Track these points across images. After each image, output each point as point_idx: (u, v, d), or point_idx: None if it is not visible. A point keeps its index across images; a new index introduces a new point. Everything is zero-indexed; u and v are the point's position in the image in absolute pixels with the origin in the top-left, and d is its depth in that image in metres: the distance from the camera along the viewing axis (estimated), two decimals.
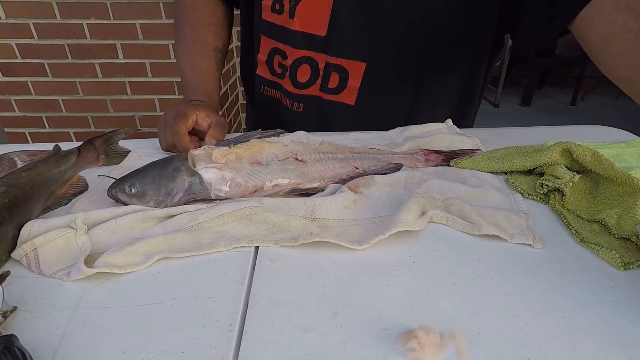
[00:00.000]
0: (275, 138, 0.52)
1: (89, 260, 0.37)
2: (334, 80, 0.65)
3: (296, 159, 0.49)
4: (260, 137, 0.51)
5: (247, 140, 0.49)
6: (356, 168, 0.51)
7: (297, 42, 0.63)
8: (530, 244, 0.40)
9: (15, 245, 0.39)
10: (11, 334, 0.28)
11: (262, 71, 0.71)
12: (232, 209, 0.42)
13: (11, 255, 0.38)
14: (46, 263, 0.37)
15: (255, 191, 0.46)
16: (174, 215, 0.42)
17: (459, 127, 0.63)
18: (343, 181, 0.49)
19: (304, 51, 0.64)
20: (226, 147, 0.47)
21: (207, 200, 0.45)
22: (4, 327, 0.31)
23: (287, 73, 0.67)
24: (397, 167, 0.51)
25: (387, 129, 0.64)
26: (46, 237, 0.38)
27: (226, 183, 0.45)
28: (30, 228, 0.39)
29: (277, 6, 0.62)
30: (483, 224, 0.41)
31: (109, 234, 0.40)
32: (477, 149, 0.57)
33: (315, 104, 0.67)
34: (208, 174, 0.45)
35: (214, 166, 0.45)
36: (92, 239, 0.39)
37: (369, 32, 0.61)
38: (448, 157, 0.54)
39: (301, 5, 0.60)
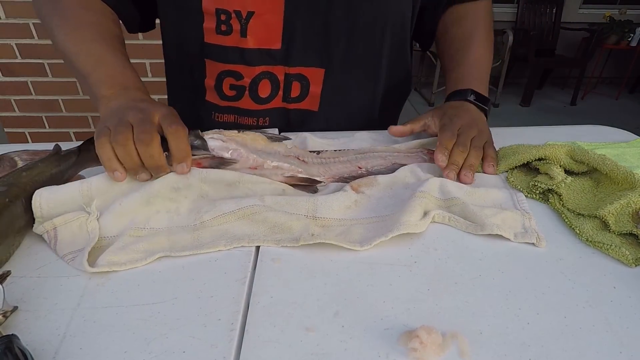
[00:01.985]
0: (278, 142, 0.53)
1: (97, 247, 0.38)
2: (295, 90, 0.65)
3: (298, 158, 0.49)
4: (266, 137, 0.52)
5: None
6: (359, 168, 0.51)
7: (254, 59, 0.62)
8: (533, 243, 0.40)
9: (15, 244, 0.39)
10: (12, 334, 0.28)
11: (211, 97, 0.67)
12: (234, 207, 0.42)
13: (33, 229, 0.40)
14: (62, 243, 0.39)
15: (256, 168, 0.47)
16: (178, 211, 0.42)
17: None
18: (345, 179, 0.49)
19: (261, 67, 0.62)
20: (235, 131, 0.49)
21: (207, 157, 0.46)
22: (4, 327, 0.31)
23: (247, 92, 0.65)
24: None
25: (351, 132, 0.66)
26: (65, 218, 0.40)
27: (229, 151, 0.47)
28: (39, 197, 0.40)
29: (224, 27, 0.59)
30: (486, 223, 0.41)
31: (115, 218, 0.41)
32: None
33: (281, 114, 0.67)
34: (213, 142, 0.47)
35: (221, 138, 0.47)
36: (100, 223, 0.40)
37: (324, 37, 0.61)
38: None
39: (252, 22, 0.59)
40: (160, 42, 0.69)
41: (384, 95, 0.71)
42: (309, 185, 0.47)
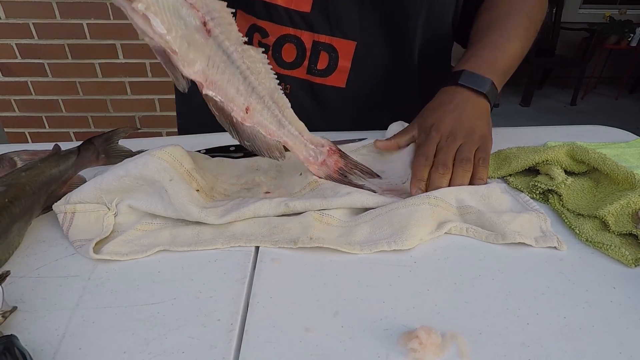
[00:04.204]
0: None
1: (105, 237, 0.40)
2: (323, 61, 0.62)
3: (204, 23, 0.35)
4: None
5: None
6: (247, 111, 0.42)
7: (281, 18, 0.59)
8: (555, 247, 0.39)
9: (15, 244, 0.39)
10: (11, 334, 0.28)
11: None
12: (251, 214, 0.42)
13: (52, 207, 0.42)
14: (75, 229, 0.40)
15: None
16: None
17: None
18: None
19: (287, 28, 0.60)
20: None
21: None
22: (3, 328, 0.31)
23: (270, 52, 0.62)
24: (280, 154, 0.46)
25: (378, 113, 0.63)
26: (86, 207, 0.42)
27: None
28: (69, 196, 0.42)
29: None
30: (506, 232, 0.39)
31: (128, 215, 0.43)
32: None
33: (304, 87, 0.64)
34: None
35: None
36: (115, 220, 0.42)
37: (359, 7, 0.58)
38: None
39: None
40: None
41: (419, 78, 0.65)
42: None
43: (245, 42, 0.38)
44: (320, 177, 0.47)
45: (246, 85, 0.39)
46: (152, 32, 0.33)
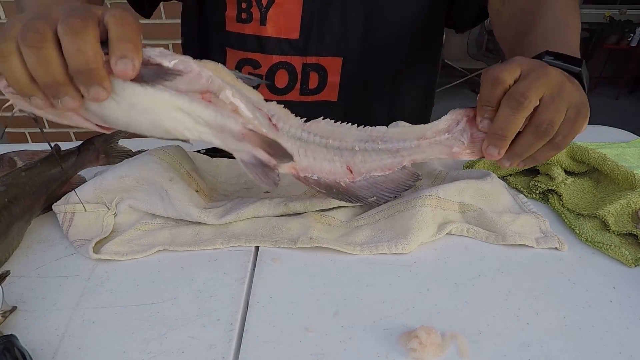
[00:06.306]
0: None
1: (105, 237, 0.40)
2: (313, 81, 0.65)
3: (270, 119, 0.37)
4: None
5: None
6: (349, 170, 0.40)
7: (272, 48, 0.63)
8: (556, 247, 0.39)
9: (15, 244, 0.39)
10: (11, 334, 0.28)
11: None
12: (250, 214, 0.42)
13: (52, 207, 0.42)
14: (75, 229, 0.41)
15: (209, 94, 0.33)
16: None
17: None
18: (317, 185, 0.39)
19: (279, 57, 0.63)
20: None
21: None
22: (3, 327, 0.31)
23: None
24: (412, 177, 0.40)
25: (372, 120, 0.64)
26: (87, 206, 0.42)
27: (171, 61, 0.31)
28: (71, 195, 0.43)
29: (244, 15, 0.61)
30: (507, 233, 0.39)
31: (128, 215, 0.43)
32: None
33: (297, 109, 0.65)
34: (151, 50, 0.32)
35: (167, 53, 0.32)
36: (115, 220, 0.42)
37: (342, 26, 0.61)
38: None
39: (272, 11, 0.60)
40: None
41: (408, 85, 0.68)
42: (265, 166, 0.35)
43: (305, 121, 0.40)
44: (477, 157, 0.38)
45: (331, 150, 0.39)
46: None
